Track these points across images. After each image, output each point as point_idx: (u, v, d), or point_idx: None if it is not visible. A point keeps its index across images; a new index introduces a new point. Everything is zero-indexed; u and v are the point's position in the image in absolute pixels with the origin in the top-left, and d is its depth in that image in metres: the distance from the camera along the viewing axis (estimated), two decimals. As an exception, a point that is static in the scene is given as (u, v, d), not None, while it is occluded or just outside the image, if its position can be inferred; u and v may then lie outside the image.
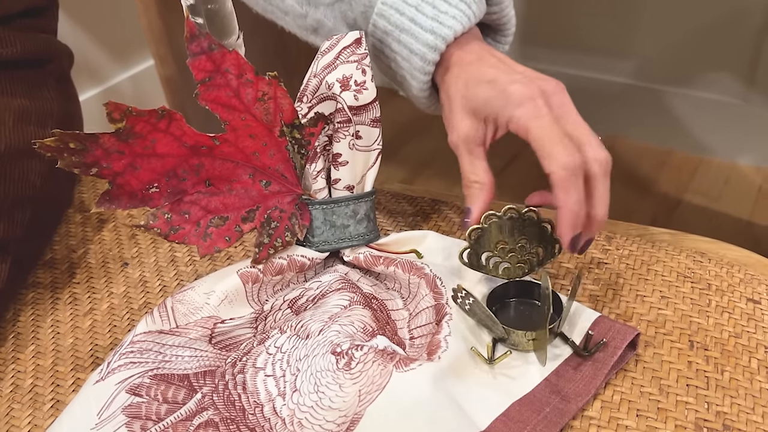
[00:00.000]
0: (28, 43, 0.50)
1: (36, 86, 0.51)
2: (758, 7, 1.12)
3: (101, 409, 0.33)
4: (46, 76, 0.53)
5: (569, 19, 1.33)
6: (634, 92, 1.34)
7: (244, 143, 0.38)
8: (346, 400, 0.32)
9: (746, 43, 1.17)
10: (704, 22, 1.19)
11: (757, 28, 1.14)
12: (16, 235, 0.44)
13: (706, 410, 0.33)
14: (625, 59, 1.31)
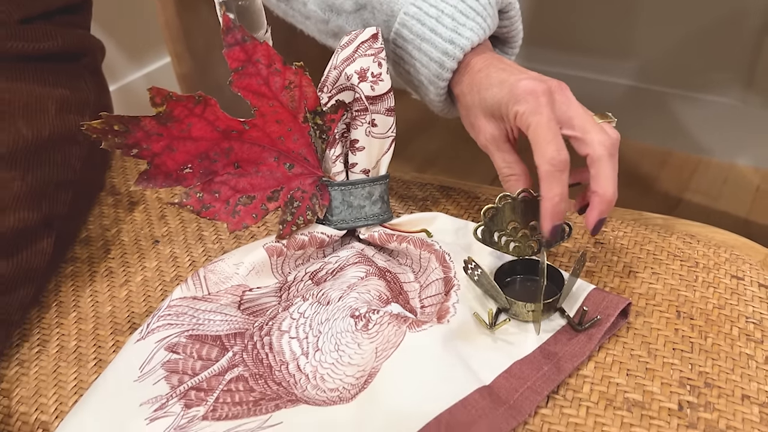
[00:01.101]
0: (67, 38, 0.54)
1: (74, 78, 0.55)
2: (756, 10, 1.16)
3: (143, 364, 0.37)
4: (83, 68, 0.57)
5: (571, 21, 1.37)
6: (634, 93, 1.37)
7: (271, 128, 0.42)
8: (364, 357, 0.36)
9: (745, 46, 1.20)
10: (703, 25, 1.22)
11: (755, 30, 1.17)
12: (59, 214, 0.48)
13: (689, 370, 0.36)
14: (625, 61, 1.35)
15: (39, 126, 0.49)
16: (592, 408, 0.35)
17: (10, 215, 0.44)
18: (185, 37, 1.07)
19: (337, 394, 0.35)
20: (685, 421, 0.34)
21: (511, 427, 0.33)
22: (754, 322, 0.39)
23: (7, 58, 0.49)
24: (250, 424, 0.34)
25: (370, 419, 0.34)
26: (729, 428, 0.33)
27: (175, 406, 0.35)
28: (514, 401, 0.34)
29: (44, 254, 0.46)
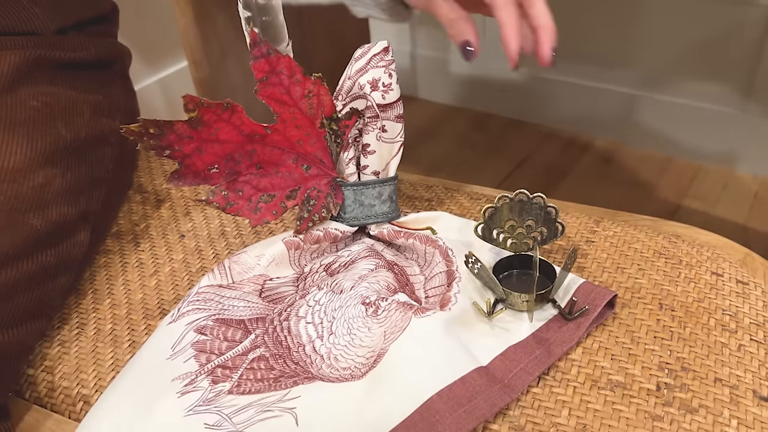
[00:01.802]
0: (99, 47, 0.58)
1: (106, 84, 0.59)
2: (755, 22, 1.19)
3: (174, 344, 0.41)
4: (113, 74, 0.61)
5: (575, 31, 1.40)
6: (636, 101, 1.41)
7: (290, 133, 0.46)
8: (373, 340, 0.40)
9: (744, 56, 1.24)
10: (704, 36, 1.26)
11: (754, 41, 1.21)
12: (94, 209, 0.52)
13: (668, 356, 0.40)
14: (628, 69, 1.38)
15: (76, 128, 0.53)
16: (579, 388, 0.38)
17: (52, 210, 0.48)
18: (202, 43, 1.12)
19: (349, 372, 0.39)
20: (661, 400, 0.37)
21: (505, 402, 0.37)
22: (729, 314, 0.43)
23: (48, 66, 0.53)
24: (271, 397, 0.38)
25: (378, 394, 0.38)
26: (701, 407, 0.37)
27: (203, 382, 0.39)
28: (509, 380, 0.38)
29: (81, 246, 0.50)
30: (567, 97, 1.48)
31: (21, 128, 0.48)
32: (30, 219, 0.45)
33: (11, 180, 0.45)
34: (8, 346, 0.42)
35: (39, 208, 0.46)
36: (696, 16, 1.24)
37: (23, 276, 0.43)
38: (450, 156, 1.48)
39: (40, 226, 0.46)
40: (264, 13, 0.46)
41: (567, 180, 1.39)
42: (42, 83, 0.52)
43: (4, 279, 0.42)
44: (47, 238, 0.46)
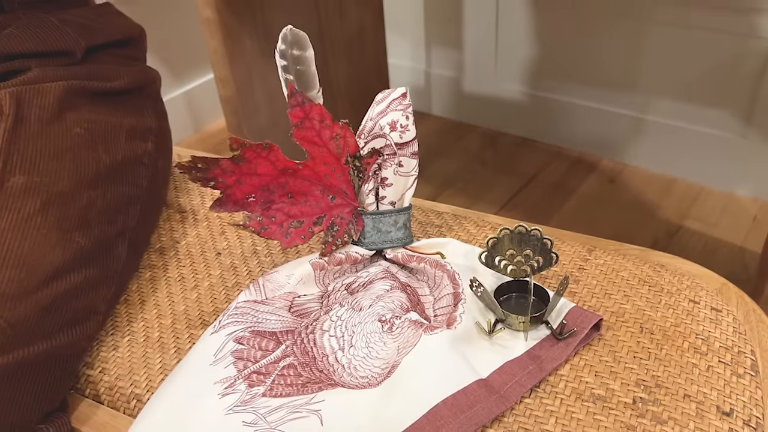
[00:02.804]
0: (132, 75, 0.63)
1: (139, 109, 0.64)
2: (755, 53, 1.24)
3: (216, 352, 0.47)
4: (145, 99, 0.65)
5: (585, 56, 1.46)
6: (642, 124, 1.46)
7: (319, 168, 0.52)
8: (388, 353, 0.46)
9: (745, 85, 1.29)
10: (707, 64, 1.31)
11: (755, 71, 1.26)
12: (131, 225, 0.58)
13: (645, 374, 0.46)
14: (634, 94, 1.44)
15: (114, 152, 0.57)
16: (565, 399, 0.44)
17: (95, 228, 0.53)
18: (230, 63, 1.19)
19: (367, 380, 0.45)
20: (636, 412, 0.43)
21: (501, 411, 0.43)
22: (702, 338, 0.49)
23: (87, 95, 0.58)
24: (300, 400, 0.45)
25: (392, 400, 0.44)
26: (670, 419, 0.43)
27: (241, 385, 0.46)
28: (504, 392, 0.44)
29: (120, 258, 0.56)
30: (576, 118, 1.54)
31: (68, 154, 0.54)
32: (76, 237, 0.51)
33: (61, 203, 0.51)
34: (63, 348, 0.48)
35: (83, 227, 0.52)
36: (700, 45, 1.29)
37: (71, 287, 0.49)
38: (461, 172, 1.54)
39: (84, 243, 0.51)
40: (298, 63, 0.52)
41: (573, 198, 1.45)
42: (83, 111, 0.57)
43: (55, 290, 0.48)
44: (91, 254, 0.52)
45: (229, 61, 1.18)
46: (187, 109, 1.74)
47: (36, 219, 0.48)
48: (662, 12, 1.30)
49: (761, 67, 1.25)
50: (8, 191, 0.48)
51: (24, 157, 0.50)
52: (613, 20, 1.37)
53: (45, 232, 0.48)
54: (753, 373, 0.47)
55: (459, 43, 1.63)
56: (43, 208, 0.48)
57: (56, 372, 0.47)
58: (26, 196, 0.48)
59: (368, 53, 1.51)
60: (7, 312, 0.43)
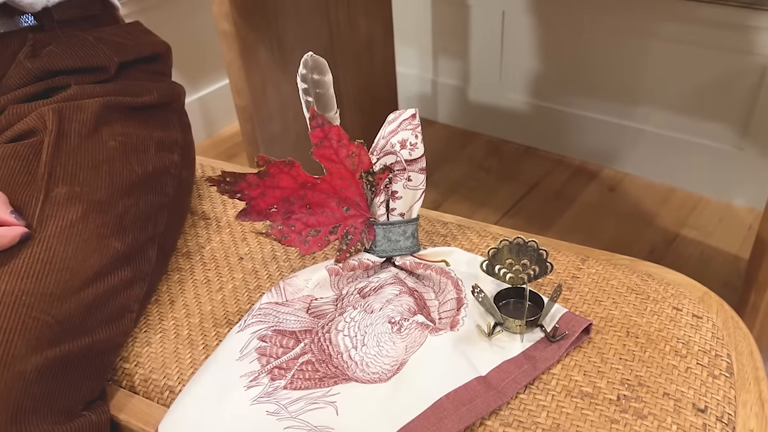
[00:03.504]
0: (160, 90, 0.68)
1: (166, 122, 0.68)
2: (752, 69, 1.29)
3: (242, 348, 0.52)
4: (171, 112, 0.70)
5: (589, 69, 1.51)
6: (642, 135, 1.51)
7: (335, 183, 0.57)
8: (397, 351, 0.51)
9: (741, 99, 1.33)
10: (706, 79, 1.36)
11: (751, 86, 1.31)
12: (160, 231, 0.63)
13: (629, 373, 0.51)
14: (635, 106, 1.48)
15: (145, 163, 0.62)
16: (556, 395, 0.49)
17: (129, 234, 0.58)
18: (245, 75, 1.25)
19: (378, 376, 0.50)
20: (620, 408, 0.48)
21: (498, 405, 0.48)
22: (682, 342, 0.54)
23: (119, 110, 0.63)
24: (317, 393, 0.50)
25: (400, 394, 0.49)
26: (650, 414, 0.48)
27: (264, 379, 0.51)
28: (501, 388, 0.49)
29: (150, 262, 0.61)
30: (578, 128, 1.59)
31: (104, 165, 0.58)
32: (113, 242, 0.56)
33: (99, 211, 0.56)
34: (102, 343, 0.53)
35: (119, 233, 0.57)
36: (699, 60, 1.34)
37: (109, 288, 0.54)
38: (466, 179, 1.59)
39: (120, 248, 0.56)
40: (318, 87, 0.57)
41: (574, 205, 1.49)
42: (117, 125, 0.62)
43: (94, 291, 0.53)
44: (125, 257, 0.57)
45: (245, 73, 1.23)
46: (200, 115, 1.79)
47: (78, 226, 0.53)
48: (663, 27, 1.35)
49: (757, 82, 1.29)
50: (53, 200, 0.53)
51: (66, 168, 0.55)
52: (615, 35, 1.42)
53: (86, 237, 0.53)
54: (728, 374, 0.52)
55: (465, 53, 1.68)
56: (83, 216, 0.53)
57: (96, 364, 0.52)
58: (69, 205, 0.53)
59: (377, 62, 1.56)
60: (54, 310, 0.48)
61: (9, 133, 0.58)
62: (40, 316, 0.47)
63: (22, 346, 0.45)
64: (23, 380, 0.45)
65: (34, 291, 0.48)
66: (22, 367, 0.45)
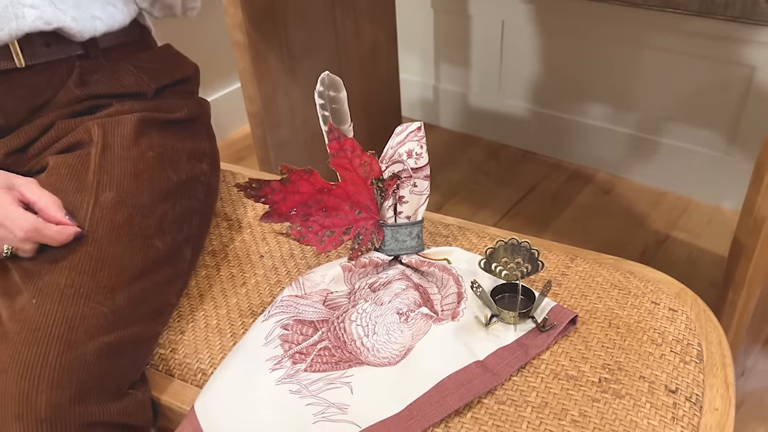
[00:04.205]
0: (190, 107, 0.75)
1: (195, 134, 0.75)
2: (739, 79, 1.35)
3: (267, 336, 0.59)
4: (200, 126, 0.77)
5: (585, 78, 1.57)
6: (636, 141, 1.57)
7: (349, 188, 0.64)
8: (404, 339, 0.57)
9: (729, 107, 1.40)
10: (695, 88, 1.42)
11: (738, 95, 1.37)
12: (193, 232, 0.70)
13: (610, 359, 0.57)
14: (629, 113, 1.55)
15: (179, 171, 0.69)
16: (545, 378, 0.56)
17: (168, 235, 0.65)
18: (257, 82, 1.31)
19: (387, 360, 0.57)
20: (600, 389, 0.55)
21: (493, 385, 0.55)
22: (659, 332, 0.60)
23: (155, 124, 0.70)
24: (334, 374, 0.56)
25: (407, 375, 0.55)
26: (627, 394, 0.54)
27: (287, 362, 0.57)
28: (497, 371, 0.56)
29: (186, 260, 0.68)
30: (574, 134, 1.65)
31: (144, 174, 0.65)
32: (155, 243, 0.63)
33: (142, 215, 0.63)
34: (146, 331, 0.60)
35: (159, 234, 0.64)
36: (689, 70, 1.40)
37: (152, 283, 0.61)
38: (466, 182, 1.65)
39: (161, 248, 0.63)
40: (333, 103, 0.64)
41: (570, 208, 1.56)
42: (154, 137, 0.68)
43: (140, 287, 0.60)
44: (165, 256, 0.64)
45: (257, 81, 1.30)
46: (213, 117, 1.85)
47: (125, 228, 0.59)
48: (656, 39, 1.41)
49: (744, 92, 1.36)
50: (102, 205, 0.60)
51: (111, 176, 0.62)
52: (610, 45, 1.48)
53: (131, 238, 0.59)
54: (698, 360, 0.58)
55: (466, 61, 1.74)
56: (129, 219, 0.60)
57: (141, 350, 0.59)
58: (116, 209, 0.60)
59: (382, 69, 1.62)
60: (108, 301, 0.55)
61: (58, 145, 0.64)
62: (96, 307, 0.53)
63: (82, 332, 0.52)
64: (84, 362, 0.51)
65: (91, 285, 0.54)
66: (83, 350, 0.51)
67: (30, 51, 0.62)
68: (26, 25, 0.59)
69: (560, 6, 1.51)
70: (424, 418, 0.53)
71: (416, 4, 1.74)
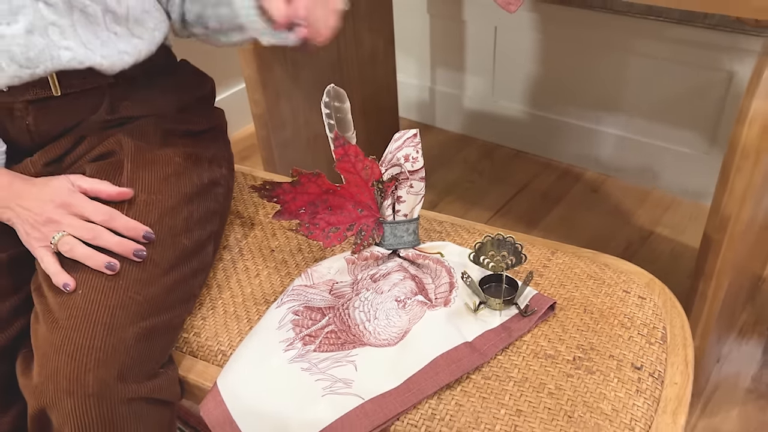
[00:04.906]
0: (208, 118, 0.82)
1: (214, 142, 0.83)
2: (719, 84, 1.43)
3: (280, 320, 0.66)
4: (218, 134, 0.85)
5: (573, 81, 1.65)
6: (623, 141, 1.64)
7: (352, 189, 0.71)
8: (402, 323, 0.65)
9: (710, 110, 1.47)
10: (678, 92, 1.50)
11: (717, 98, 1.45)
12: (215, 230, 0.77)
13: (584, 341, 0.65)
14: (616, 115, 1.62)
15: (202, 175, 0.76)
16: (526, 357, 0.63)
17: (193, 233, 0.72)
18: (261, 87, 1.39)
19: (387, 341, 0.64)
20: (575, 366, 0.62)
21: (481, 362, 0.62)
22: (628, 317, 0.68)
23: (179, 134, 0.77)
24: (340, 354, 0.64)
25: (404, 355, 0.63)
26: (597, 371, 0.62)
27: (298, 344, 0.65)
28: (484, 351, 0.63)
29: (209, 255, 0.75)
30: (565, 134, 1.73)
31: (172, 178, 0.73)
32: (182, 240, 0.70)
33: (170, 215, 0.70)
34: (175, 318, 0.67)
35: (186, 232, 0.71)
36: (673, 76, 1.48)
37: (180, 277, 0.68)
38: (460, 181, 1.73)
39: (187, 245, 0.70)
40: (338, 112, 0.71)
41: (560, 205, 1.63)
42: (178, 145, 0.76)
43: (170, 279, 0.67)
44: (191, 252, 0.71)
45: (262, 86, 1.37)
46: (215, 119, 1.92)
47: (156, 227, 0.66)
48: (641, 45, 1.48)
49: (723, 95, 1.43)
50: (135, 207, 0.67)
51: (143, 180, 0.69)
52: (599, 50, 1.56)
53: (162, 236, 0.67)
54: (662, 342, 0.66)
55: (460, 64, 1.82)
56: (159, 219, 0.67)
57: (171, 335, 0.66)
58: (148, 210, 0.67)
59: (380, 73, 1.69)
60: (144, 291, 0.62)
61: (92, 154, 0.71)
62: (134, 296, 0.61)
63: (123, 319, 0.59)
64: (125, 344, 0.58)
65: (129, 277, 0.62)
66: (123, 334, 0.59)
67: (66, 81, 0.69)
68: (61, 64, 0.66)
69: (551, 13, 1.58)
70: (419, 391, 0.60)
71: (413, 10, 1.82)
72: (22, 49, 0.63)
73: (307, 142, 1.56)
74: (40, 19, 0.63)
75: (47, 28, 0.63)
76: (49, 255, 0.62)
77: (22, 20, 0.62)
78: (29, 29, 0.63)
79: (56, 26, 0.64)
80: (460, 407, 0.59)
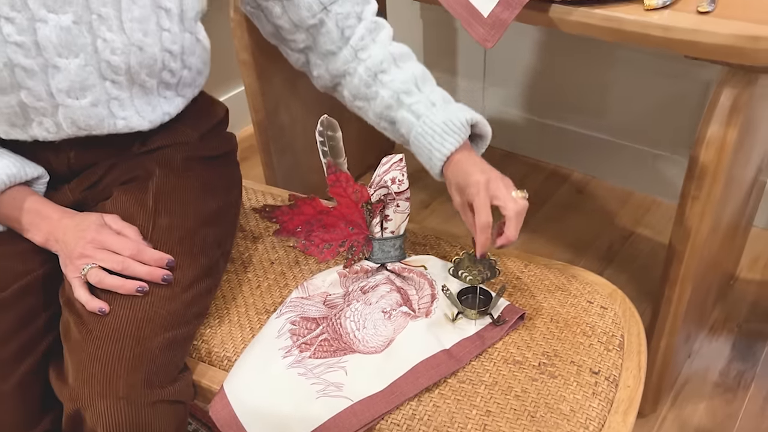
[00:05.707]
0: (223, 143, 0.89)
1: (228, 166, 0.89)
2: (696, 92, 1.50)
3: (279, 329, 0.74)
4: (231, 159, 0.91)
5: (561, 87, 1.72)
6: (607, 144, 1.71)
7: (343, 210, 0.79)
8: (388, 332, 0.73)
9: (688, 117, 1.55)
10: (659, 99, 1.57)
11: (695, 106, 1.52)
12: (227, 248, 0.84)
13: (549, 347, 0.73)
14: (601, 120, 1.69)
15: (217, 199, 0.83)
16: (496, 362, 0.71)
17: (209, 253, 0.79)
18: (261, 95, 1.46)
19: (374, 349, 0.72)
20: (539, 371, 0.70)
21: (457, 368, 0.70)
22: (590, 326, 0.76)
23: (197, 160, 0.84)
24: (332, 360, 0.72)
25: (390, 361, 0.71)
26: (559, 375, 0.70)
27: (295, 351, 0.73)
28: (460, 357, 0.71)
29: (221, 272, 0.82)
30: (553, 137, 1.80)
31: (192, 201, 0.79)
32: (200, 260, 0.77)
33: (189, 237, 0.76)
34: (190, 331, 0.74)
35: (203, 252, 0.78)
36: (653, 84, 1.55)
37: (199, 292, 0.76)
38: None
39: (204, 263, 0.78)
40: (331, 140, 0.79)
41: (547, 205, 1.71)
42: (198, 170, 0.82)
43: (189, 295, 0.74)
44: (207, 270, 0.78)
45: (261, 95, 1.44)
46: (216, 121, 1.99)
47: (177, 248, 0.74)
48: (624, 57, 1.55)
49: (701, 103, 1.51)
50: (159, 229, 0.74)
51: (165, 204, 0.76)
52: (585, 59, 1.63)
53: (182, 257, 0.74)
54: (619, 348, 0.74)
55: (453, 69, 1.88)
56: (180, 241, 0.75)
57: (187, 345, 0.74)
58: (170, 232, 0.75)
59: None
60: (167, 306, 0.70)
61: (121, 179, 0.79)
62: (158, 310, 0.69)
63: (148, 330, 0.67)
64: (151, 353, 0.66)
65: (154, 294, 0.69)
66: (149, 344, 0.67)
67: None
68: (116, 129, 0.74)
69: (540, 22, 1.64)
70: (402, 394, 0.68)
71: (406, 16, 1.88)
72: (84, 117, 0.71)
73: (303, 148, 1.64)
74: (105, 95, 0.71)
75: (109, 102, 0.71)
76: (79, 285, 0.70)
77: (89, 96, 0.70)
78: (94, 103, 0.70)
79: (117, 100, 0.72)
80: (437, 408, 0.68)
